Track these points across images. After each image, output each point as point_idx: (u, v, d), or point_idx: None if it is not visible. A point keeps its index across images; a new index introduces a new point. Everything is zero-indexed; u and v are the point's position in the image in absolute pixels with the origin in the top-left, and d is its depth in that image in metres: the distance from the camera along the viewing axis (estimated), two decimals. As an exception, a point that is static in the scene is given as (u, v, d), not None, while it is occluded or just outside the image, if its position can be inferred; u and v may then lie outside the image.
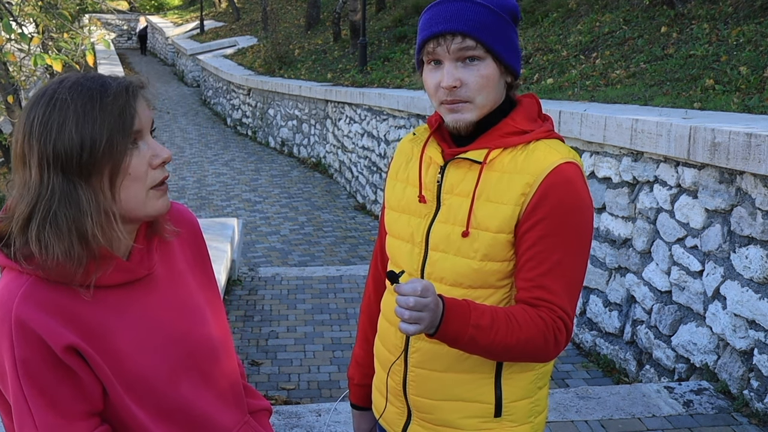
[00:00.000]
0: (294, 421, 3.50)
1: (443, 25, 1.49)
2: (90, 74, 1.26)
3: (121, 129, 1.21)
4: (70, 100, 1.19)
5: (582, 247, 1.50)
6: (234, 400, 1.47)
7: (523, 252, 1.48)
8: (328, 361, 5.04)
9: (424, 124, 1.70)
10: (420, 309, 1.32)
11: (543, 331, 1.43)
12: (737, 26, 6.73)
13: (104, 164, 1.20)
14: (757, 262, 3.50)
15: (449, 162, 1.57)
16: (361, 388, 1.90)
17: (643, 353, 4.41)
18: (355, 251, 8.81)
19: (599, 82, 7.15)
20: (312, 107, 13.66)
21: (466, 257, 1.52)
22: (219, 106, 20.57)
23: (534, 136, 1.53)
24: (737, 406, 3.62)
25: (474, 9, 1.49)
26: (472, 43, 1.48)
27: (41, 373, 1.20)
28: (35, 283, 1.21)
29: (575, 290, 1.50)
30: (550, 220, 1.46)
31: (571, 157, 1.52)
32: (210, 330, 1.43)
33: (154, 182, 1.26)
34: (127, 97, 1.22)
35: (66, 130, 1.18)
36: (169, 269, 1.40)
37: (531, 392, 1.60)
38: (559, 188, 1.47)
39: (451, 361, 1.56)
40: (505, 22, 1.51)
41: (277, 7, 26.81)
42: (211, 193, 11.92)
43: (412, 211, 1.62)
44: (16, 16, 7.01)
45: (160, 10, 40.09)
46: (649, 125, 4.14)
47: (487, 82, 1.50)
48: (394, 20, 16.19)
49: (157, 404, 1.31)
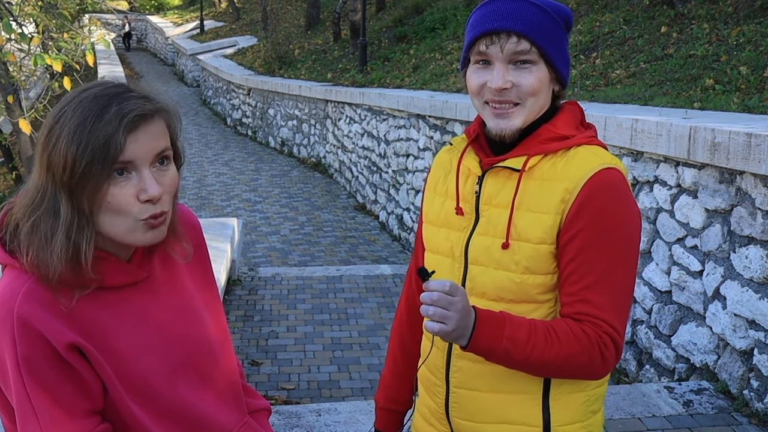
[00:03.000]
0: (294, 421, 3.50)
1: (498, 23, 1.41)
2: (109, 90, 1.23)
3: (103, 157, 1.19)
4: (71, 116, 1.21)
5: (628, 257, 1.41)
6: (233, 401, 1.47)
7: (566, 265, 1.41)
8: (328, 361, 5.04)
9: (460, 134, 1.61)
10: (445, 306, 1.28)
11: (587, 347, 1.36)
12: (737, 26, 6.73)
13: (83, 186, 1.20)
14: (757, 262, 3.50)
15: (487, 171, 1.50)
16: (385, 413, 1.81)
17: (643, 353, 4.41)
18: (355, 251, 8.81)
19: (599, 82, 7.15)
20: (312, 107, 13.65)
21: (507, 270, 1.45)
22: (219, 106, 20.57)
23: (575, 141, 1.46)
24: (737, 406, 3.62)
25: (531, 10, 1.42)
26: (527, 46, 1.41)
27: (43, 370, 1.20)
28: (37, 281, 1.22)
29: (623, 304, 1.41)
30: (592, 228, 1.39)
31: (613, 163, 1.44)
32: (209, 331, 1.44)
33: (140, 216, 1.24)
34: (118, 126, 1.19)
35: (59, 144, 1.20)
36: (169, 271, 1.41)
37: (583, 416, 1.51)
38: (599, 194, 1.39)
39: (494, 380, 1.48)
40: (560, 28, 1.45)
41: (277, 7, 26.81)
42: (211, 193, 11.92)
43: (451, 225, 1.55)
44: (16, 16, 7.01)
45: (160, 10, 40.11)
46: (649, 125, 4.14)
47: (539, 86, 1.43)
48: (394, 20, 16.18)
49: (156, 404, 1.31)
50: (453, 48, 12.14)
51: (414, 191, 8.79)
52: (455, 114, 7.28)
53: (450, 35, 13.08)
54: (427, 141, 8.30)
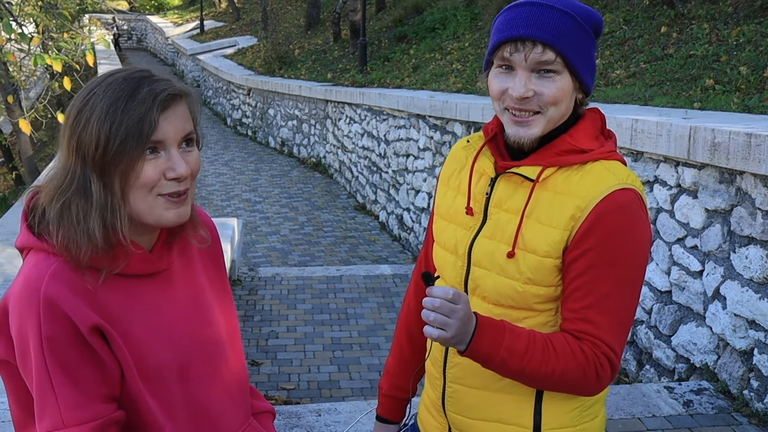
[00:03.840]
0: (294, 421, 3.50)
1: (524, 30, 1.37)
2: (136, 74, 1.27)
3: (137, 135, 1.22)
4: (102, 96, 1.24)
5: (633, 280, 1.41)
6: (240, 400, 1.49)
7: (570, 281, 1.41)
8: (328, 361, 5.04)
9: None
10: (446, 313, 1.28)
11: (583, 365, 1.37)
12: (737, 26, 6.73)
13: (116, 165, 1.23)
14: (757, 262, 3.50)
15: (500, 175, 1.48)
16: (389, 399, 1.81)
17: (643, 353, 4.41)
18: (355, 251, 8.81)
19: (599, 82, 7.15)
20: (312, 107, 13.66)
21: (510, 278, 1.44)
22: (219, 106, 20.58)
23: (592, 157, 1.43)
24: (737, 406, 3.62)
25: (559, 17, 1.38)
26: (552, 56, 1.37)
27: (66, 351, 1.22)
28: (63, 263, 1.24)
29: (624, 325, 1.41)
30: (600, 249, 1.37)
31: (629, 183, 1.41)
32: (220, 330, 1.45)
33: (162, 191, 1.27)
34: (152, 105, 1.23)
35: (90, 124, 1.23)
36: (186, 267, 1.43)
37: (576, 421, 1.51)
38: (611, 216, 1.37)
39: (489, 378, 1.49)
40: (588, 36, 1.41)
41: (277, 7, 26.81)
42: (211, 193, 11.92)
43: (458, 222, 1.54)
44: (16, 16, 7.00)
45: (160, 10, 40.10)
46: (649, 125, 4.14)
47: (561, 96, 1.40)
48: (394, 20, 16.18)
49: (168, 396, 1.33)
50: (453, 48, 12.14)
51: (414, 191, 8.79)
52: (455, 114, 7.28)
53: (450, 35, 13.08)
54: (427, 141, 8.30)
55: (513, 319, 1.43)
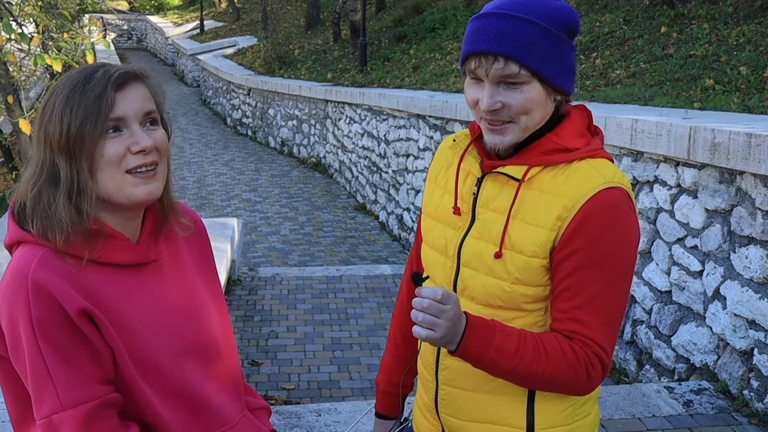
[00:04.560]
0: (294, 421, 3.50)
1: (485, 44, 1.36)
2: (96, 64, 1.32)
3: (96, 113, 1.26)
4: (63, 88, 1.29)
5: (622, 280, 1.40)
6: (235, 396, 1.50)
7: (559, 281, 1.40)
8: (328, 361, 5.04)
9: (464, 129, 1.60)
10: (435, 314, 1.28)
11: (573, 365, 1.37)
12: (737, 26, 6.73)
13: (80, 146, 1.26)
14: (757, 262, 3.50)
15: (487, 174, 1.48)
16: (385, 395, 1.82)
17: (643, 353, 4.41)
18: (355, 251, 8.81)
19: (599, 82, 7.15)
20: (312, 107, 13.65)
21: (498, 278, 1.44)
22: (219, 106, 20.57)
23: (578, 155, 1.42)
24: (737, 406, 3.62)
25: (521, 28, 1.35)
26: (515, 69, 1.35)
27: (57, 334, 1.24)
28: (49, 251, 1.27)
29: (613, 325, 1.41)
30: (588, 250, 1.37)
31: (616, 182, 1.40)
32: (213, 325, 1.46)
33: (128, 166, 1.29)
34: (107, 85, 1.27)
35: (54, 114, 1.28)
36: (175, 261, 1.44)
37: (568, 419, 1.50)
38: (598, 216, 1.37)
39: (481, 380, 1.49)
40: (557, 41, 1.38)
41: (277, 7, 26.81)
42: (211, 193, 11.92)
43: (447, 222, 1.54)
44: (16, 16, 7.00)
45: (160, 10, 40.09)
46: (649, 125, 4.14)
47: (531, 105, 1.38)
48: (394, 20, 16.17)
49: (163, 382, 1.34)
50: (453, 48, 12.14)
51: (414, 191, 8.79)
52: (455, 114, 7.28)
53: (450, 35, 13.08)
54: (427, 141, 8.31)
55: (502, 319, 1.43)
